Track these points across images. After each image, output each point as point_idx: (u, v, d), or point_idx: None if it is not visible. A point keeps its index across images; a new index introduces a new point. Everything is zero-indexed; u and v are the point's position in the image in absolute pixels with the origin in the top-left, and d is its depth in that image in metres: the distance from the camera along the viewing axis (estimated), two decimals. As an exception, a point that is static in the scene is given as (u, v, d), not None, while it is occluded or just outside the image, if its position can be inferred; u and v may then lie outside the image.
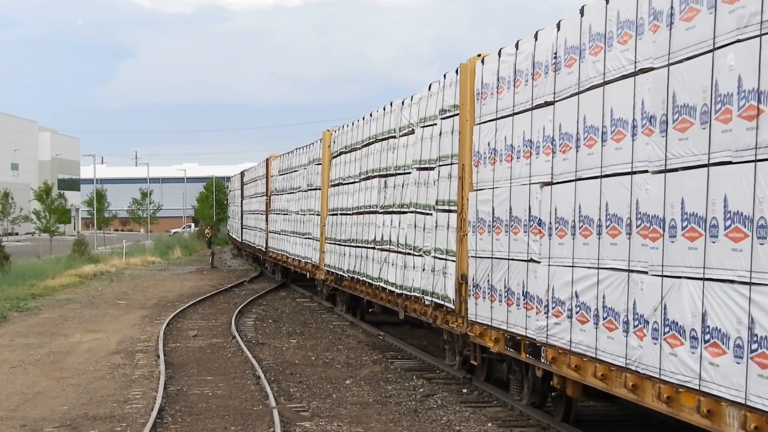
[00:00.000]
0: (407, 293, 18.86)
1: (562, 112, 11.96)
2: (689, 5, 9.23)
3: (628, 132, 10.30)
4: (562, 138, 11.88)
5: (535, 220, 12.68)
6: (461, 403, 15.69)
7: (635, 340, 10.07)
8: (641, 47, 10.14)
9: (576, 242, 11.47)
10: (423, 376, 18.20)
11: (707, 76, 8.87)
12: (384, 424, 14.55)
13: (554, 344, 12.05)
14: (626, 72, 10.43)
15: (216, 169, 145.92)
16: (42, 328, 27.19)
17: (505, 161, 13.73)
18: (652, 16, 9.93)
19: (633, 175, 10.20)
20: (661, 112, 9.65)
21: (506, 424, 14.11)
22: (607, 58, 10.85)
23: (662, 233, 9.59)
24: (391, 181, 20.54)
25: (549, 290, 12.12)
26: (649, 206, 9.87)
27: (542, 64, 12.55)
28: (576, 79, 11.58)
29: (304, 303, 33.31)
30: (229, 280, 44.36)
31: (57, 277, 43.43)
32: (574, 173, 11.56)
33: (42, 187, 75.44)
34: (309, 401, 16.26)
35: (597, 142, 11.00)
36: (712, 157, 8.81)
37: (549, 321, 12.14)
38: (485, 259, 14.48)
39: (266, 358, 21.08)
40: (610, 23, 10.80)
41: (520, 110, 13.28)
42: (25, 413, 15.92)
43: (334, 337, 24.35)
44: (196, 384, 18.10)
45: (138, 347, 23.05)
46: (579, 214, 11.40)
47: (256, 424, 14.57)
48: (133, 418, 15.20)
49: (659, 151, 9.69)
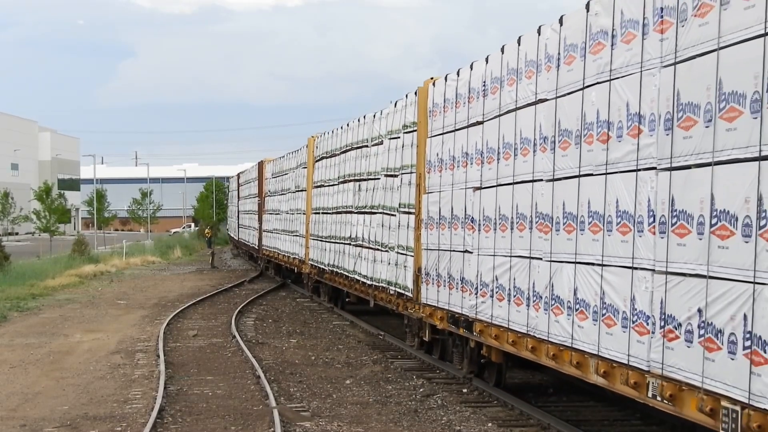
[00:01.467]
0: (376, 284, 22.17)
1: (488, 130, 15.13)
2: (569, 53, 12.38)
3: (531, 149, 13.45)
4: (488, 152, 15.05)
5: (469, 218, 15.84)
6: (461, 403, 16.24)
7: (534, 312, 13.22)
8: (540, 82, 13.29)
9: (496, 236, 14.64)
10: (423, 375, 18.74)
11: (579, 108, 12.01)
12: (384, 424, 15.04)
13: (482, 319, 15.23)
14: (530, 101, 13.58)
15: (216, 169, 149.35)
16: (42, 328, 27.78)
17: (449, 169, 16.95)
18: (546, 59, 13.07)
19: (534, 183, 13.35)
20: (552, 133, 12.79)
21: (506, 424, 14.72)
22: (518, 89, 14.01)
23: (551, 228, 12.74)
24: (364, 185, 23.88)
25: (478, 275, 15.30)
26: (543, 207, 13.00)
27: (475, 89, 15.72)
28: (498, 104, 14.75)
29: (304, 303, 34.19)
30: (229, 280, 45.50)
31: (57, 277, 44.36)
32: (496, 180, 14.73)
33: (42, 187, 76.81)
34: (309, 401, 16.74)
35: (511, 156, 14.15)
36: (582, 170, 11.96)
37: (478, 300, 15.33)
38: (434, 251, 17.69)
39: (266, 357, 21.59)
40: (520, 61, 13.96)
41: (460, 127, 16.48)
42: (25, 413, 16.32)
43: (334, 337, 25.02)
44: (196, 384, 18.53)
45: (138, 347, 23.58)
46: (499, 213, 14.56)
47: (256, 424, 14.98)
48: (133, 418, 15.63)
49: (550, 165, 12.84)
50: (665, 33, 10.20)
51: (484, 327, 15.10)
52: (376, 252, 22.31)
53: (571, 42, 12.30)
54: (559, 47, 12.62)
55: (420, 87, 18.82)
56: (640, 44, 10.69)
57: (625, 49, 10.98)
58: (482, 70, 15.41)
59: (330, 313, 30.24)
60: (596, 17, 11.68)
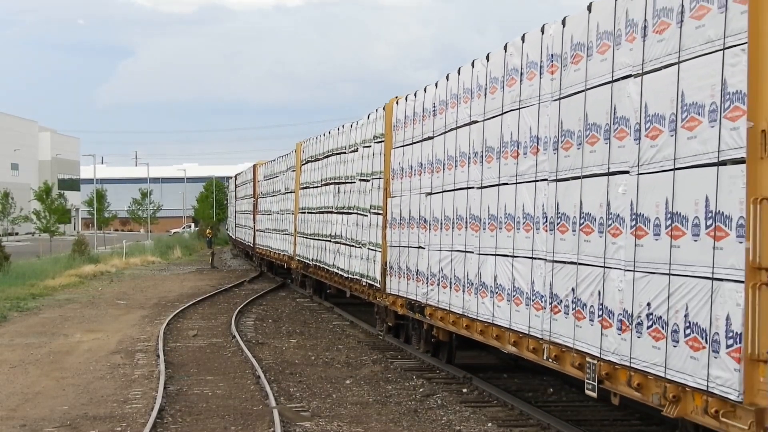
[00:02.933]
0: (352, 276, 25.66)
1: (436, 145, 18.50)
2: (492, 84, 15.71)
3: (467, 161, 16.78)
4: (437, 163, 18.42)
5: (422, 219, 19.22)
6: (461, 402, 16.78)
7: (467, 296, 16.56)
8: (473, 107, 16.61)
9: (442, 234, 18.01)
10: (423, 375, 19.32)
11: (499, 129, 15.33)
12: (384, 424, 15.43)
13: (431, 304, 18.61)
14: (466, 122, 16.93)
15: (216, 169, 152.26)
16: (42, 327, 28.33)
17: (408, 177, 20.36)
18: (477, 88, 16.41)
19: (468, 190, 16.69)
20: (481, 149, 16.12)
21: (506, 423, 15.17)
22: (458, 111, 17.37)
23: (479, 227, 16.08)
24: (342, 187, 27.38)
25: (428, 267, 18.69)
26: (475, 210, 16.31)
27: (428, 110, 19.10)
28: (444, 123, 18.12)
29: (304, 303, 35.10)
30: (229, 280, 46.69)
31: (57, 277, 45.34)
32: (442, 187, 18.11)
33: (42, 187, 78.39)
34: (309, 401, 17.17)
35: (453, 167, 17.51)
36: (500, 180, 15.29)
37: (428, 288, 18.71)
38: (396, 247, 21.09)
39: (266, 357, 22.13)
40: (459, 88, 17.31)
41: (416, 141, 19.88)
42: (25, 413, 16.63)
43: (333, 337, 25.74)
44: (196, 384, 18.98)
45: (138, 347, 24.06)
46: (444, 215, 17.92)
47: (256, 424, 15.34)
48: (133, 418, 15.97)
49: (479, 175, 16.17)
50: (554, 74, 13.52)
51: (433, 311, 18.51)
52: (351, 248, 25.91)
53: (494, 75, 15.65)
54: (486, 79, 15.96)
55: (387, 103, 22.23)
56: (538, 82, 14.02)
57: (528, 85, 14.32)
58: (433, 93, 18.80)
59: (330, 313, 31.54)
60: (511, 57, 15.02)
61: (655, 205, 10.79)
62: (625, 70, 11.58)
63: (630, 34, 11.51)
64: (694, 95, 10.11)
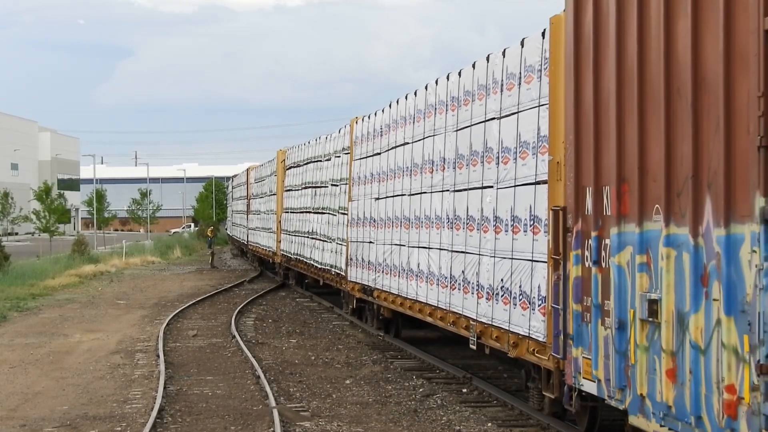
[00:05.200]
0: (324, 267, 31.59)
1: (383, 159, 24.21)
2: (418, 115, 21.36)
3: (401, 174, 22.44)
4: (382, 174, 24.12)
5: (373, 219, 24.88)
6: (461, 402, 17.55)
7: (402, 280, 22.20)
8: (406, 131, 22.30)
9: (385, 231, 23.69)
10: (423, 375, 20.28)
11: (421, 151, 20.96)
12: (384, 423, 16.00)
13: (378, 288, 24.32)
14: (401, 143, 22.69)
15: (216, 169, 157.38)
16: (42, 327, 29.52)
17: (363, 184, 26.07)
18: (408, 117, 22.09)
19: (402, 196, 22.35)
20: (409, 165, 21.76)
21: (506, 423, 15.87)
22: (397, 133, 23.09)
23: (409, 225, 21.71)
24: (318, 191, 33.39)
25: (376, 258, 24.36)
26: (406, 212, 21.93)
27: (377, 130, 24.79)
28: (387, 143, 23.89)
29: (304, 303, 36.80)
30: (228, 280, 48.76)
31: (57, 277, 47.29)
32: (386, 194, 23.81)
33: (42, 187, 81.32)
34: (309, 401, 17.87)
35: (392, 178, 23.18)
36: (422, 190, 20.90)
37: (376, 275, 24.42)
38: (355, 242, 26.84)
39: (266, 357, 23.09)
40: (395, 116, 23.11)
41: (369, 155, 25.59)
42: (25, 413, 17.16)
43: (333, 337, 27.00)
44: (195, 384, 19.73)
45: (138, 347, 25.00)
46: (387, 216, 23.57)
47: (256, 424, 15.88)
48: (133, 418, 16.50)
49: (409, 185, 21.81)
50: (454, 112, 19.11)
51: (379, 293, 24.24)
52: (324, 243, 31.90)
53: (418, 108, 21.30)
54: (414, 110, 21.61)
55: (351, 121, 28.04)
56: (444, 116, 19.61)
57: (439, 118, 19.93)
58: (381, 117, 24.56)
59: (330, 313, 33.16)
60: (429, 95, 20.64)
61: (505, 211, 16.34)
62: (492, 113, 17.14)
63: (494, 89, 17.07)
64: (525, 135, 15.65)
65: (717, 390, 9.80)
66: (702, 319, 10.04)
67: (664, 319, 10.78)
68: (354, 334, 27.47)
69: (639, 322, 11.25)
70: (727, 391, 9.64)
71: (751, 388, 9.27)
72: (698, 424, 10.20)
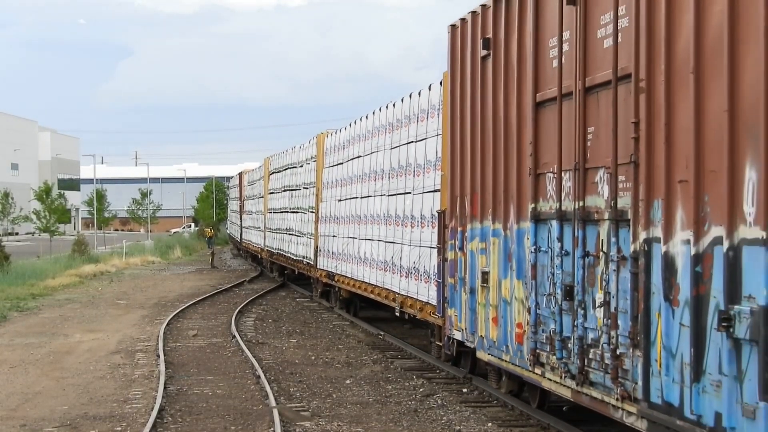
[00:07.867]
0: (299, 258, 39.04)
1: (344, 168, 31.40)
2: (366, 135, 28.44)
3: (357, 181, 29.49)
4: (343, 180, 31.31)
5: (336, 217, 32.06)
6: (461, 402, 17.91)
7: (354, 266, 29.30)
8: (359, 147, 29.35)
9: (343, 227, 30.85)
10: (423, 375, 20.80)
11: (369, 163, 28.05)
12: (384, 423, 16.29)
13: (338, 273, 31.55)
14: (357, 156, 29.75)
15: (216, 169, 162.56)
16: (42, 327, 30.22)
17: (330, 188, 33.35)
18: (361, 135, 29.17)
19: (356, 199, 29.44)
20: (361, 174, 28.81)
21: (506, 424, 16.19)
22: (353, 148, 30.17)
23: (360, 222, 28.77)
24: (294, 193, 41.06)
25: (337, 248, 31.58)
26: (358, 211, 28.98)
27: (341, 144, 32.02)
28: (347, 155, 31.03)
29: (304, 303, 38.15)
30: (228, 280, 50.46)
31: (57, 277, 48.67)
32: (346, 196, 30.93)
33: (42, 187, 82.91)
34: (309, 401, 18.22)
35: (349, 184, 30.24)
36: (369, 194, 27.93)
37: (337, 262, 31.67)
38: (323, 236, 34.16)
39: (266, 357, 23.68)
40: (353, 133, 30.16)
41: (335, 164, 32.82)
42: (25, 413, 17.39)
43: (333, 337, 27.99)
44: (196, 384, 20.07)
45: (138, 347, 25.50)
46: (346, 214, 30.67)
47: (256, 423, 16.16)
48: (133, 418, 16.75)
49: (360, 190, 28.85)
50: (391, 133, 26.08)
51: (339, 277, 31.51)
52: (299, 237, 39.46)
53: (368, 129, 28.42)
54: (365, 130, 28.73)
55: (318, 135, 35.57)
56: (384, 137, 26.61)
57: (381, 137, 26.94)
58: (344, 134, 31.77)
59: (330, 313, 34.46)
60: (376, 119, 27.67)
61: (418, 211, 23.26)
62: (412, 138, 24.06)
63: (413, 120, 24.03)
64: (429, 155, 22.58)
65: (514, 327, 16.62)
66: (508, 283, 16.84)
67: (491, 285, 17.58)
68: (354, 334, 28.66)
69: (480, 288, 18.08)
70: (517, 327, 16.46)
71: (528, 324, 16.02)
72: (506, 350, 17.00)
